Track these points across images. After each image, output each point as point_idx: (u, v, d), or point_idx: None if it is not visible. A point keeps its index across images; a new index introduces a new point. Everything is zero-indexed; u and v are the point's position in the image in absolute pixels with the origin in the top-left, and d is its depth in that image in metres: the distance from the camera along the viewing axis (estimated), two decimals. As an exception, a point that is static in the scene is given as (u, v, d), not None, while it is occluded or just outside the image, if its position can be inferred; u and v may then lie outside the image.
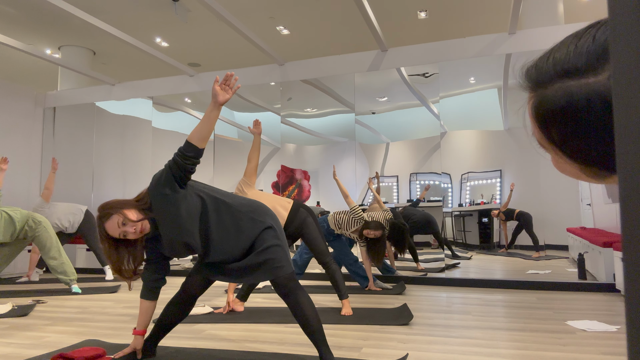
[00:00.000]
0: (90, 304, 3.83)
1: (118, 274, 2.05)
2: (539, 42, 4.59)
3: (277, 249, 2.09)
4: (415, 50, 5.10)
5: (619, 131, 0.29)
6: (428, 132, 5.16)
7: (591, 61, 0.44)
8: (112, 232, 1.97)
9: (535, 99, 0.49)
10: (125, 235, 1.97)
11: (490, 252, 5.04)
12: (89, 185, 6.44)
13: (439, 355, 2.27)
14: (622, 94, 0.29)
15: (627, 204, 0.29)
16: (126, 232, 1.97)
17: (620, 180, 0.29)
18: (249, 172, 3.24)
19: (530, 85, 0.50)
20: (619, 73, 0.29)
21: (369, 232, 3.93)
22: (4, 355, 2.35)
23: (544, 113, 0.49)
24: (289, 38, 7.22)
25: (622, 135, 0.29)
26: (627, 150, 0.28)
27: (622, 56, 0.29)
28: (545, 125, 0.49)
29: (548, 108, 0.48)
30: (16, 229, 4.03)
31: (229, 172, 6.06)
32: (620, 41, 0.29)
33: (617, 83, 0.29)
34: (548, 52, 0.49)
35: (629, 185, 0.28)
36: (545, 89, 0.48)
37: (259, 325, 2.99)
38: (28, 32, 6.93)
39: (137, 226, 1.97)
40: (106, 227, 1.97)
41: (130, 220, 1.96)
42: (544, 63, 0.49)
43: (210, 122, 2.01)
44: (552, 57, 0.48)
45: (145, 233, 2.02)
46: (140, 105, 6.40)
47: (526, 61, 0.51)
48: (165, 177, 1.99)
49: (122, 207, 1.98)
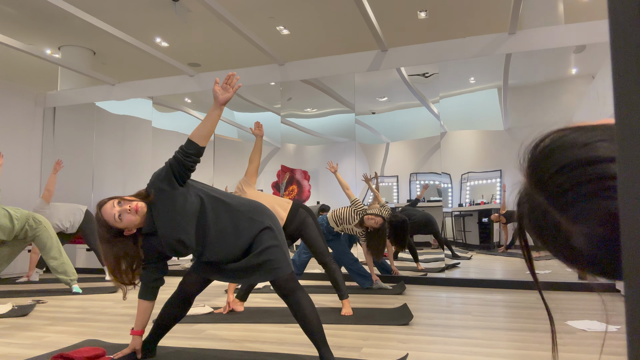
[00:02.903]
0: (91, 304, 3.83)
1: (114, 277, 2.04)
2: (539, 42, 4.59)
3: (276, 249, 2.09)
4: (415, 50, 5.10)
5: (619, 131, 0.29)
6: (428, 132, 5.16)
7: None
8: (108, 216, 1.98)
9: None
10: (120, 217, 1.97)
11: (490, 252, 5.04)
12: (89, 185, 6.44)
13: (439, 355, 2.27)
14: (622, 94, 0.29)
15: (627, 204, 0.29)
16: (121, 211, 1.97)
17: (620, 180, 0.29)
18: (250, 173, 3.25)
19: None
20: (619, 73, 0.29)
21: (369, 218, 3.93)
22: (4, 355, 2.35)
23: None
24: (289, 38, 7.22)
25: (622, 135, 0.29)
26: (627, 150, 0.28)
27: (622, 56, 0.29)
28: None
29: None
30: (15, 227, 4.03)
31: (229, 172, 6.07)
32: (620, 41, 0.29)
33: (617, 83, 0.29)
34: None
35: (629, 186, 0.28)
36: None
37: (259, 325, 2.99)
38: (28, 32, 6.93)
39: (132, 204, 1.98)
40: (103, 212, 1.99)
41: (125, 200, 2.00)
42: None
43: (212, 121, 2.05)
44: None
45: (141, 214, 2.01)
46: (140, 105, 6.40)
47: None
48: (165, 174, 2.01)
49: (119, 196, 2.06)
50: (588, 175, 0.45)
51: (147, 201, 2.03)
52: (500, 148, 4.94)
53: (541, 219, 0.50)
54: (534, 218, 0.51)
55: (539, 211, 0.50)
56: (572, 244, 0.47)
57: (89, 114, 6.60)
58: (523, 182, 0.53)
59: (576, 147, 0.48)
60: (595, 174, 0.45)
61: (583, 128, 0.50)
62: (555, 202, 0.48)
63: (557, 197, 0.47)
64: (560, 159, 0.48)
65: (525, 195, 0.52)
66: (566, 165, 0.47)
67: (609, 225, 0.44)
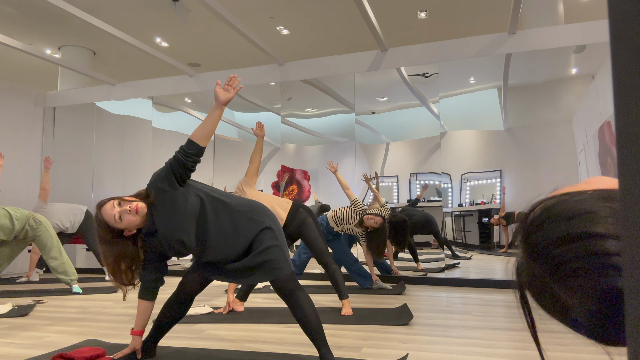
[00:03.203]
0: (91, 304, 3.83)
1: (113, 278, 2.03)
2: (539, 42, 4.59)
3: (276, 249, 2.09)
4: (415, 50, 5.09)
5: (619, 131, 0.29)
6: (428, 132, 5.16)
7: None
8: (108, 216, 1.97)
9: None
10: (121, 218, 1.97)
11: (490, 252, 5.04)
12: (89, 185, 6.44)
13: (439, 355, 2.27)
14: (622, 94, 0.29)
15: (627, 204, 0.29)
16: (122, 211, 1.97)
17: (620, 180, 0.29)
18: (250, 173, 3.25)
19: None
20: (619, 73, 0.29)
21: (369, 218, 3.93)
22: (4, 355, 2.35)
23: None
24: (289, 38, 7.22)
25: (622, 136, 0.29)
26: (627, 150, 0.28)
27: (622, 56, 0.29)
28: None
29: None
30: (15, 227, 4.03)
31: (229, 172, 6.07)
32: (620, 41, 0.29)
33: (617, 83, 0.29)
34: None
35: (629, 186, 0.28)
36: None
37: (259, 325, 2.99)
38: (28, 32, 6.93)
39: (132, 205, 1.98)
40: (102, 213, 1.98)
41: (125, 200, 1.99)
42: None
43: (213, 121, 2.05)
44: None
45: (142, 214, 2.00)
46: (140, 105, 6.40)
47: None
48: (165, 174, 2.01)
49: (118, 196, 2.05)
50: (576, 252, 0.46)
51: (147, 201, 2.03)
52: (500, 148, 4.94)
53: (540, 288, 0.51)
54: (533, 287, 0.52)
55: (538, 281, 0.51)
56: (571, 315, 0.49)
57: (89, 114, 6.60)
58: (519, 251, 0.54)
59: (563, 220, 0.49)
60: (583, 251, 0.46)
61: (569, 199, 0.51)
62: (551, 274, 0.49)
63: (552, 270, 0.48)
64: (549, 233, 0.49)
65: (523, 264, 0.53)
66: (555, 241, 0.48)
67: (602, 301, 0.45)
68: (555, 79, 4.79)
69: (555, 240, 0.48)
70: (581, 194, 0.51)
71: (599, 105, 4.40)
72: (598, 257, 0.45)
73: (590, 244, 0.46)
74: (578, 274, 0.46)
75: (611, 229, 0.46)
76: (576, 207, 0.49)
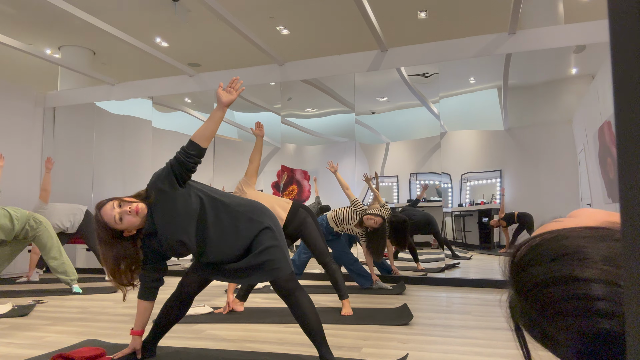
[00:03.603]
0: (91, 304, 3.83)
1: (114, 279, 2.03)
2: (539, 42, 4.59)
3: (276, 249, 2.09)
4: (415, 50, 5.09)
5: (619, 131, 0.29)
6: (428, 132, 5.16)
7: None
8: (108, 217, 1.96)
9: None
10: (121, 219, 1.96)
11: (490, 252, 5.04)
12: (89, 185, 6.44)
13: (439, 355, 2.27)
14: (622, 94, 0.29)
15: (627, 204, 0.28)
16: (122, 212, 1.96)
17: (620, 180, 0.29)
18: (250, 173, 3.25)
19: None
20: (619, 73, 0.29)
21: (368, 218, 3.93)
22: (4, 355, 2.35)
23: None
24: (289, 38, 7.22)
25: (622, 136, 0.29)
26: (627, 150, 0.28)
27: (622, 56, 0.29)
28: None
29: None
30: (15, 227, 4.03)
31: (229, 172, 6.07)
32: (620, 41, 0.29)
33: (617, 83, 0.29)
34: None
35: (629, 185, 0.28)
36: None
37: (259, 325, 2.99)
38: (28, 32, 6.93)
39: (133, 206, 1.97)
40: (102, 214, 1.97)
41: (126, 201, 1.98)
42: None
43: (215, 123, 2.06)
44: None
45: (142, 215, 2.00)
46: (140, 105, 6.40)
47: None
48: (165, 174, 2.01)
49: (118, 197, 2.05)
50: (560, 295, 0.47)
51: (148, 202, 2.02)
52: (500, 148, 4.94)
53: (530, 323, 0.52)
54: (525, 321, 0.53)
55: (527, 316, 0.52)
56: (559, 350, 0.50)
57: (89, 114, 6.60)
58: (510, 287, 0.55)
59: (546, 262, 0.50)
60: (567, 295, 0.47)
61: (554, 237, 0.52)
62: (539, 311, 0.50)
63: (540, 308, 0.50)
64: (534, 274, 0.50)
65: (514, 300, 0.55)
66: (540, 283, 0.49)
67: (587, 342, 0.46)
68: (555, 79, 4.79)
69: (540, 282, 0.49)
70: (565, 234, 0.52)
71: (599, 105, 4.40)
72: (582, 301, 0.46)
73: (573, 287, 0.47)
74: (564, 315, 0.47)
75: (597, 273, 0.46)
76: (559, 248, 0.50)
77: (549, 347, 0.52)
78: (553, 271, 0.49)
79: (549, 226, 0.56)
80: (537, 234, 0.55)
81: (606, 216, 0.55)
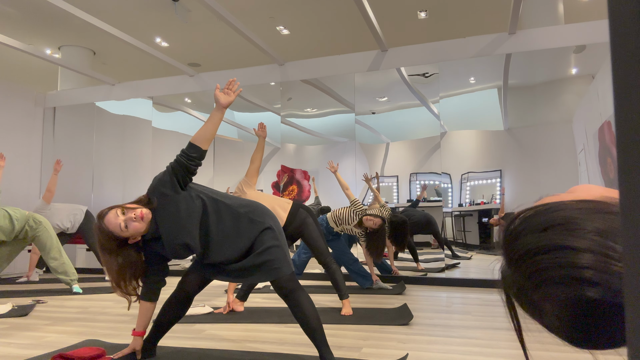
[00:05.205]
0: (91, 304, 3.83)
1: (119, 288, 2.01)
2: (539, 42, 4.59)
3: (276, 249, 2.09)
4: (415, 50, 5.09)
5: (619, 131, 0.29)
6: (428, 132, 5.16)
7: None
8: (113, 226, 1.94)
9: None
10: (127, 226, 1.95)
11: (490, 252, 5.04)
12: (89, 185, 6.44)
13: (439, 355, 2.27)
14: (622, 94, 0.29)
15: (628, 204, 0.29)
16: (127, 220, 1.95)
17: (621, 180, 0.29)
18: (250, 173, 3.25)
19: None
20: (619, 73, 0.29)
21: (368, 219, 3.93)
22: (4, 355, 2.35)
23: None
24: (289, 38, 7.22)
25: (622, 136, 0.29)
26: (627, 150, 0.28)
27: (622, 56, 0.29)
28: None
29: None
30: (15, 228, 4.03)
31: (229, 172, 6.07)
32: (620, 41, 0.29)
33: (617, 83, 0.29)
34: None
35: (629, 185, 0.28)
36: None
37: (259, 325, 2.99)
38: (28, 32, 6.93)
39: (137, 212, 1.96)
40: (106, 222, 1.95)
41: (128, 208, 1.97)
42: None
43: (214, 124, 2.06)
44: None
45: (147, 220, 1.99)
46: (140, 105, 6.40)
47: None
48: (167, 178, 2.00)
49: (120, 205, 2.03)
50: (547, 263, 0.48)
51: (150, 207, 2.01)
52: (500, 148, 4.94)
53: (519, 292, 0.53)
54: (514, 291, 0.54)
55: (517, 285, 0.53)
56: (545, 319, 0.51)
57: (89, 114, 6.60)
58: (502, 258, 0.56)
59: (537, 232, 0.51)
60: (553, 263, 0.48)
61: (548, 209, 0.53)
62: (527, 280, 0.51)
63: (527, 277, 0.50)
64: (524, 244, 0.51)
65: (505, 270, 0.55)
66: (528, 251, 0.50)
67: (572, 310, 0.47)
68: (555, 79, 4.79)
69: (529, 250, 0.50)
70: (559, 206, 0.52)
71: (599, 105, 4.40)
72: (568, 269, 0.47)
73: (560, 256, 0.47)
74: (550, 283, 0.48)
75: (586, 243, 0.47)
76: (552, 219, 0.51)
77: (535, 317, 0.53)
78: (543, 240, 0.49)
79: (546, 200, 0.57)
80: (532, 206, 0.55)
81: (604, 191, 0.55)
